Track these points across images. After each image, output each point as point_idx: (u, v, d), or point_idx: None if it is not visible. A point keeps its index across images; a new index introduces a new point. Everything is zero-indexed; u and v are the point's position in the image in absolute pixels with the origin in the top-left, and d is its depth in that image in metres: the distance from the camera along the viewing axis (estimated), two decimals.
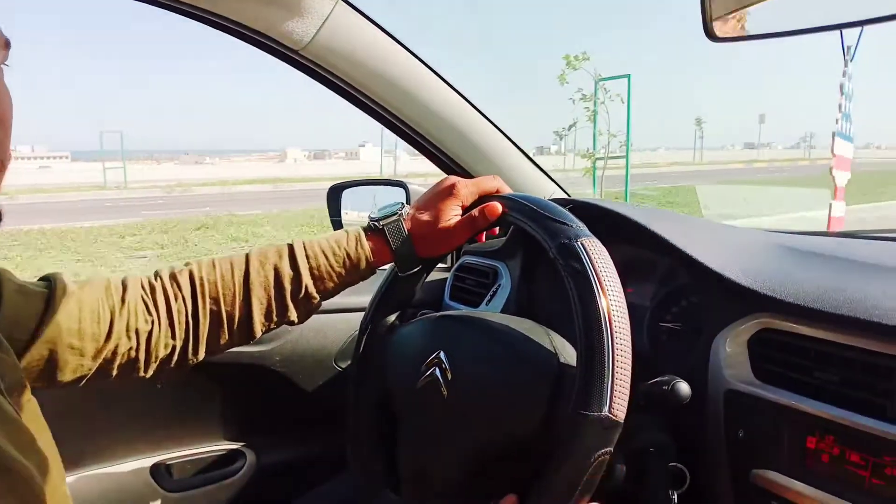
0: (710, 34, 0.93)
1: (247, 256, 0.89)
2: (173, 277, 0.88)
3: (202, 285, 0.87)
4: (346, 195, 1.81)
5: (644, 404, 0.91)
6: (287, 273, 0.88)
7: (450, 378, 0.84)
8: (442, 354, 0.87)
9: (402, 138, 1.46)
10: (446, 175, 0.97)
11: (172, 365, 0.88)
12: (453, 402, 0.84)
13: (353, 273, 0.90)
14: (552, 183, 1.55)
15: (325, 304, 1.48)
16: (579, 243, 0.75)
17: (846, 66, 5.77)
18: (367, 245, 0.88)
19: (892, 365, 0.77)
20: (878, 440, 0.77)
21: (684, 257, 0.97)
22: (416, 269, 0.93)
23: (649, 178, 19.45)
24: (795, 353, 0.87)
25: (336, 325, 1.49)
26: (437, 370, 0.87)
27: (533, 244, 0.90)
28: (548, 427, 0.77)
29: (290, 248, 0.89)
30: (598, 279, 0.73)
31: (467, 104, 1.41)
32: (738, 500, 0.91)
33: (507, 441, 0.80)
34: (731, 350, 0.94)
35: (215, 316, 0.88)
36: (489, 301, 1.44)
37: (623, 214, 1.03)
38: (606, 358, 0.69)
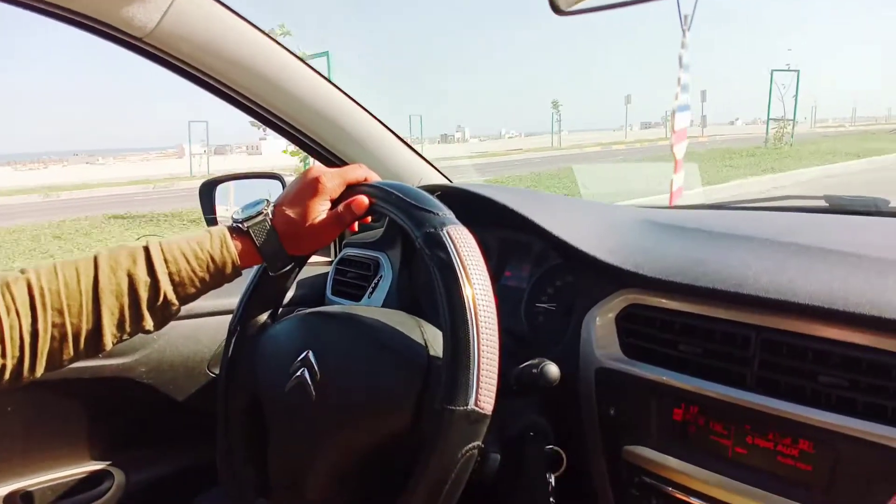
0: (556, 7, 0.91)
1: (95, 260, 0.80)
2: (6, 287, 0.78)
3: (42, 296, 0.77)
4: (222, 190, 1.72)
5: (517, 389, 0.89)
6: (143, 280, 0.79)
7: (318, 379, 0.80)
8: (310, 354, 0.82)
9: (270, 127, 1.38)
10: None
11: (2, 384, 0.78)
12: (322, 403, 0.79)
13: (218, 277, 0.83)
14: (432, 168, 1.51)
15: (197, 307, 1.39)
16: (445, 232, 0.72)
17: (684, 36, 5.91)
18: (232, 247, 0.81)
19: (749, 334, 0.79)
20: (739, 409, 0.78)
21: (552, 238, 0.96)
22: (287, 269, 0.87)
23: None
24: (661, 327, 0.87)
25: (208, 329, 1.40)
26: (306, 371, 0.82)
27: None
28: (418, 423, 0.74)
29: (146, 251, 0.80)
30: (464, 269, 0.70)
31: (335, 89, 1.35)
32: (613, 478, 0.91)
33: (379, 440, 0.77)
34: (601, 328, 0.94)
35: (58, 329, 0.78)
36: (371, 294, 1.40)
37: (492, 199, 1.01)
38: (472, 350, 0.67)
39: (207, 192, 1.70)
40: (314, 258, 1.74)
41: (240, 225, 0.83)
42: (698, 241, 1.00)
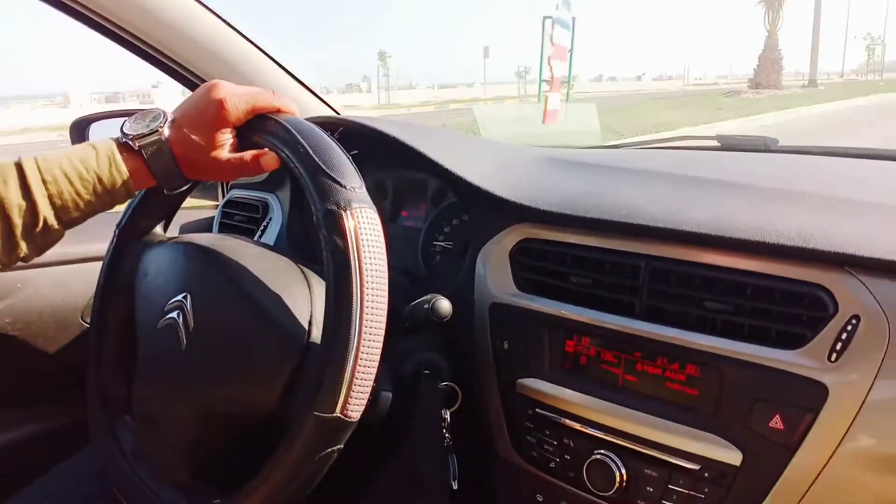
0: None
1: None
2: None
3: None
4: (97, 130, 1.56)
5: (409, 326, 0.86)
6: (17, 204, 0.67)
7: (191, 329, 0.73)
8: (187, 300, 0.75)
9: (141, 56, 1.26)
10: None
11: None
12: (190, 356, 0.73)
13: (107, 199, 0.72)
14: (321, 103, 1.43)
15: (68, 253, 1.28)
16: (348, 214, 0.63)
17: None
18: (123, 167, 0.71)
19: (637, 263, 0.78)
20: (628, 338, 0.78)
21: (445, 172, 0.92)
22: (184, 188, 0.79)
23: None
24: (553, 260, 0.86)
25: (82, 276, 1.28)
26: (180, 315, 0.75)
27: None
28: (283, 406, 0.69)
29: (19, 170, 0.68)
30: (359, 264, 0.62)
31: (215, 17, 1.24)
32: (507, 412, 0.90)
33: (244, 410, 0.72)
34: (495, 263, 0.91)
35: None
36: (260, 237, 1.32)
37: (385, 132, 0.95)
38: (349, 356, 0.61)
39: (79, 131, 1.53)
40: (196, 202, 1.64)
41: (130, 142, 0.72)
42: (591, 175, 1.00)
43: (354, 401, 0.62)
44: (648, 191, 0.86)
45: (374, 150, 0.98)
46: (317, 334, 0.70)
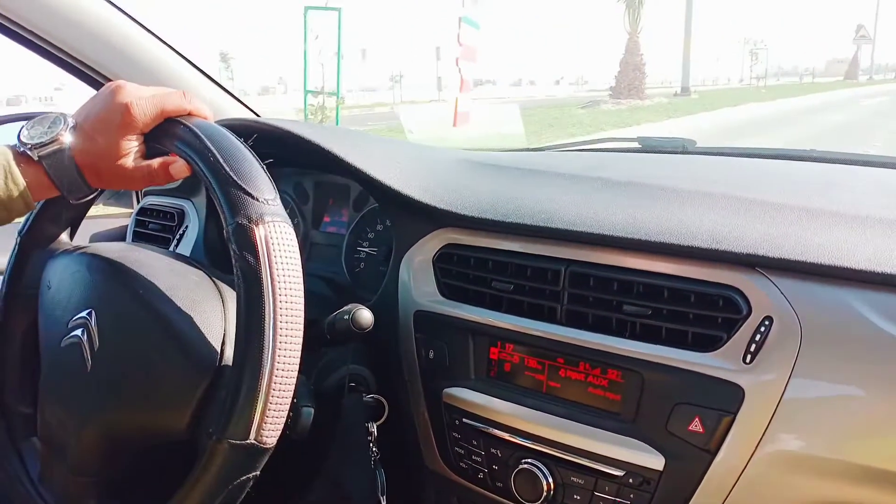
0: None
1: None
2: None
3: None
4: None
5: (330, 338, 0.83)
6: None
7: (96, 349, 0.68)
8: (92, 317, 0.70)
9: (43, 56, 1.18)
10: None
11: None
12: (95, 378, 0.68)
13: (3, 214, 0.66)
14: (238, 105, 1.38)
15: None
16: (260, 229, 0.59)
17: None
18: (21, 179, 0.65)
19: (558, 268, 0.78)
20: (551, 343, 0.77)
21: (363, 177, 0.90)
22: (90, 197, 0.74)
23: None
24: (476, 266, 0.85)
25: None
26: (84, 332, 0.70)
27: None
28: (194, 430, 0.65)
29: None
30: (272, 282, 0.58)
31: (122, 14, 1.18)
32: (434, 423, 0.88)
33: (154, 436, 0.68)
34: (418, 270, 0.89)
35: None
36: (176, 247, 1.26)
37: (303, 136, 0.92)
38: (262, 380, 0.58)
39: None
40: (109, 209, 1.55)
41: (28, 152, 0.66)
42: (514, 178, 0.99)
43: (269, 426, 0.59)
44: (569, 194, 0.86)
45: (293, 153, 0.94)
46: (230, 353, 0.66)
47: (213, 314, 0.70)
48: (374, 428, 0.86)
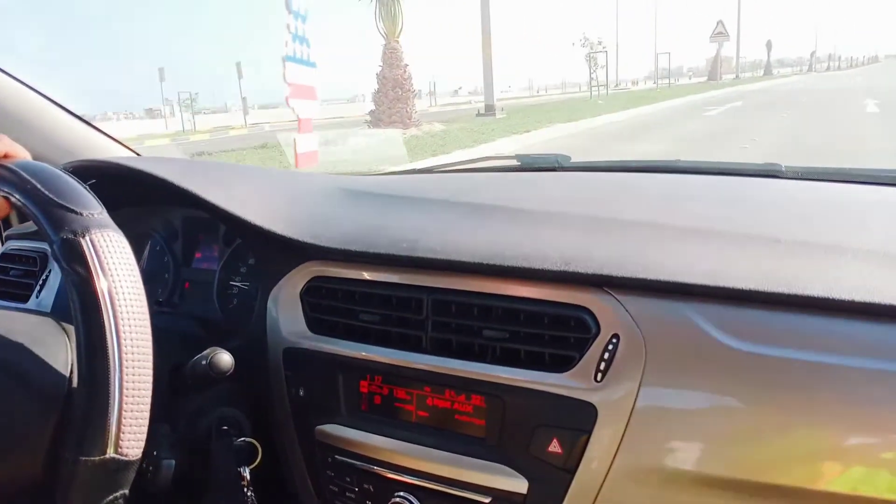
0: None
1: None
2: None
3: None
4: None
5: (191, 383, 0.80)
6: None
7: None
8: None
9: None
10: None
11: None
12: None
13: None
14: (112, 142, 1.32)
15: None
16: (87, 240, 0.57)
17: None
18: None
19: (421, 296, 0.77)
20: (417, 373, 0.77)
21: (222, 214, 0.87)
22: None
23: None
24: (343, 298, 0.83)
25: None
26: None
27: None
28: (52, 471, 0.60)
29: None
30: (108, 289, 0.56)
31: None
32: (308, 462, 0.86)
33: (11, 485, 0.62)
34: (286, 305, 0.87)
35: None
36: (39, 293, 1.19)
37: (152, 173, 0.88)
38: (112, 390, 0.55)
39: None
40: None
41: None
42: (383, 205, 0.98)
43: (128, 436, 0.56)
44: (437, 221, 0.86)
45: (155, 191, 0.90)
46: (75, 386, 0.63)
47: (58, 347, 0.66)
48: (247, 472, 0.83)
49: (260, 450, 0.85)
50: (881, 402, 0.57)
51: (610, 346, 0.66)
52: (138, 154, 1.36)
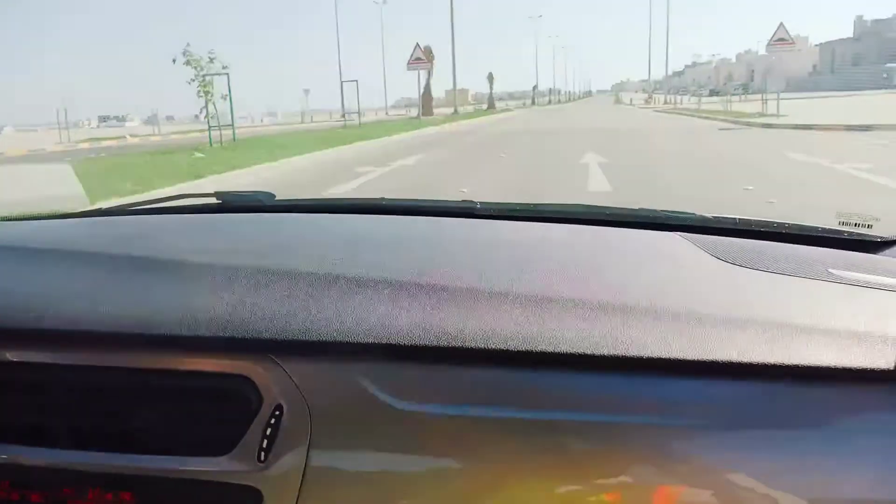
0: None
1: None
2: None
3: None
4: None
5: None
6: None
7: None
8: None
9: None
10: None
11: None
12: None
13: None
14: None
15: None
16: None
17: None
18: None
19: (47, 378, 0.64)
20: (53, 473, 0.63)
21: None
22: None
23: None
24: None
25: None
26: None
27: None
28: None
29: None
30: None
31: None
32: None
33: None
34: None
35: None
36: None
37: None
38: None
39: None
40: None
41: None
42: (20, 262, 0.81)
43: None
44: (77, 280, 0.73)
45: None
46: None
47: None
48: None
49: None
50: (544, 452, 0.56)
51: (272, 421, 0.59)
52: None
